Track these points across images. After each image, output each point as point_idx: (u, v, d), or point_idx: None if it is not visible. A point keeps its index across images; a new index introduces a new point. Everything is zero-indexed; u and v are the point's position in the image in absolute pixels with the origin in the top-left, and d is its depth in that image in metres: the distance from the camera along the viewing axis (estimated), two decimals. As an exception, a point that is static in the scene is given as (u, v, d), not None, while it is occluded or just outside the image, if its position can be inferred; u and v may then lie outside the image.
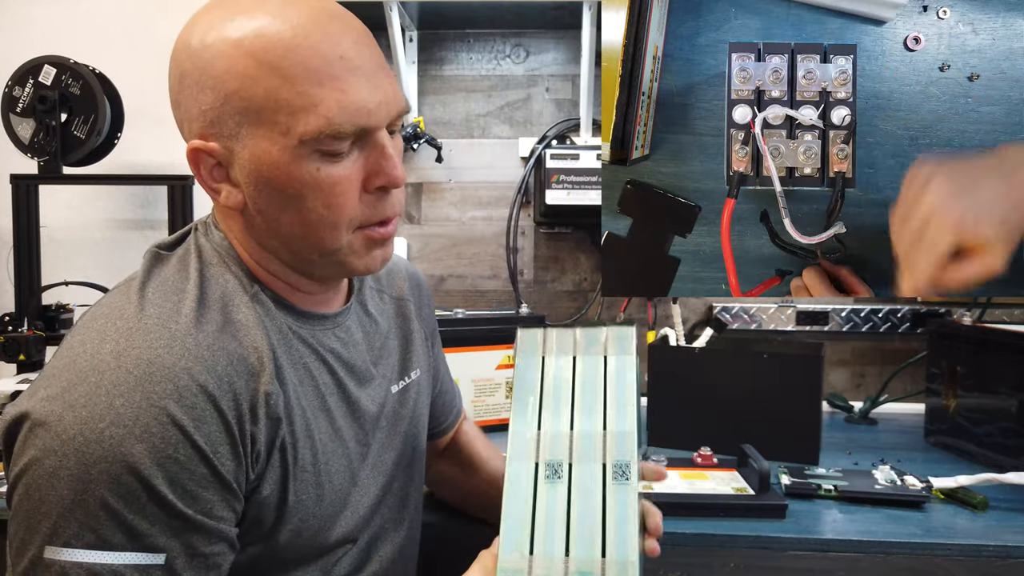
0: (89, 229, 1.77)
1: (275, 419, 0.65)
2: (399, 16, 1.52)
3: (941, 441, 1.37)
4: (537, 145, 1.70)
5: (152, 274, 0.67)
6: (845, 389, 1.71)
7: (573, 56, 1.71)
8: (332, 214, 0.65)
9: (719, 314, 1.69)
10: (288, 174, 0.63)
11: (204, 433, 0.58)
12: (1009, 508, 1.05)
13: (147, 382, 0.57)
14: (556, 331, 0.74)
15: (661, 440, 1.35)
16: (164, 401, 0.57)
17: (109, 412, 0.56)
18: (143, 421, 0.56)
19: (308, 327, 0.72)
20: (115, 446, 0.55)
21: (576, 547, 0.62)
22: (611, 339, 0.73)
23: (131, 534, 0.55)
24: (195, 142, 0.64)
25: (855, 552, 0.96)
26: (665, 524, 0.98)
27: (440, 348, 1.01)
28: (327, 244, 0.67)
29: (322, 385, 0.72)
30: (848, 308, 1.69)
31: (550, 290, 1.75)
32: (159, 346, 0.59)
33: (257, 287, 0.69)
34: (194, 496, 0.58)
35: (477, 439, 1.05)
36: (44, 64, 1.51)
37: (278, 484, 0.66)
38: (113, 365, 0.58)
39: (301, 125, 0.61)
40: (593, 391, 0.71)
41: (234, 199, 0.66)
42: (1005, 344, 1.23)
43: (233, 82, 0.61)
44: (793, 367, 1.27)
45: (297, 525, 0.68)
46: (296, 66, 0.61)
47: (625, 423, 0.68)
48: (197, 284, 0.66)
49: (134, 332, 0.60)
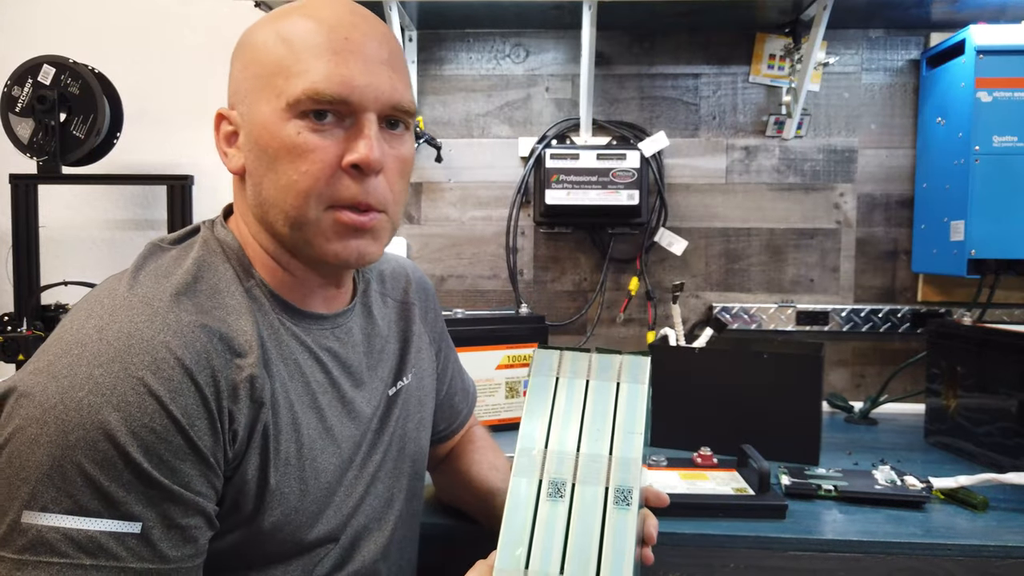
0: (88, 229, 1.76)
1: (258, 402, 0.66)
2: (399, 16, 1.52)
3: (941, 441, 1.37)
4: (537, 145, 1.69)
5: (147, 261, 0.69)
6: (845, 389, 1.71)
7: (573, 56, 1.71)
8: (302, 180, 0.66)
9: (719, 314, 1.69)
10: (272, 134, 0.67)
11: (180, 405, 0.59)
12: (1009, 508, 1.05)
13: (125, 353, 0.59)
14: (572, 354, 0.76)
15: (661, 440, 1.35)
16: (141, 372, 0.58)
17: (88, 381, 0.57)
18: (120, 390, 0.57)
19: (304, 325, 0.74)
20: (93, 413, 0.56)
21: (571, 566, 0.62)
22: (625, 367, 0.75)
23: (107, 501, 0.56)
24: (220, 109, 0.72)
25: (855, 552, 0.96)
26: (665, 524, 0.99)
27: (452, 352, 1.02)
28: (294, 214, 0.68)
29: (314, 383, 0.73)
30: (848, 308, 1.69)
31: (550, 290, 1.74)
32: (140, 321, 0.61)
33: (254, 282, 0.71)
34: (171, 467, 0.59)
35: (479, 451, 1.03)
36: (43, 64, 1.51)
37: (258, 471, 0.67)
38: (95, 338, 0.60)
39: (291, 88, 0.66)
40: (603, 415, 0.71)
41: (236, 162, 0.71)
42: (1005, 344, 1.23)
43: (253, 51, 0.69)
44: (793, 367, 1.27)
45: (279, 518, 0.68)
46: (304, 39, 0.66)
47: (631, 450, 0.68)
48: (191, 270, 0.68)
49: (118, 309, 0.62)
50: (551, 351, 0.75)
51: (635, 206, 1.61)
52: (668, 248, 1.69)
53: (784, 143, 1.70)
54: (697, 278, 1.72)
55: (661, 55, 1.71)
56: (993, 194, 1.42)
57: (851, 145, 1.69)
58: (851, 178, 1.69)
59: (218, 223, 0.75)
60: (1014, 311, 1.65)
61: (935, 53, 1.59)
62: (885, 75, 1.68)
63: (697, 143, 1.71)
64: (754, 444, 1.13)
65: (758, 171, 1.71)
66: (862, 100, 1.68)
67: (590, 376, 0.74)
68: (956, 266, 1.46)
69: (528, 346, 1.47)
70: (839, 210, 1.70)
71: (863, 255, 1.70)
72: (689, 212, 1.72)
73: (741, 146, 1.71)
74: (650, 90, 1.71)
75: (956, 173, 1.47)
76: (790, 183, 1.70)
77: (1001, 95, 1.42)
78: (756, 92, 1.70)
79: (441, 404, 0.99)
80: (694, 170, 1.71)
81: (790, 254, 1.71)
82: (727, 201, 1.71)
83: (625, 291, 1.72)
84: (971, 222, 1.43)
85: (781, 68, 1.67)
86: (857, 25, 1.66)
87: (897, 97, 1.68)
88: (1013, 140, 1.42)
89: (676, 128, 1.71)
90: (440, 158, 1.68)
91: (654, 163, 1.68)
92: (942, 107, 1.55)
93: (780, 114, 1.68)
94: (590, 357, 0.75)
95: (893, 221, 1.69)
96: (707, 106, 1.71)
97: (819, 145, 1.70)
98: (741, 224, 1.71)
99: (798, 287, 1.71)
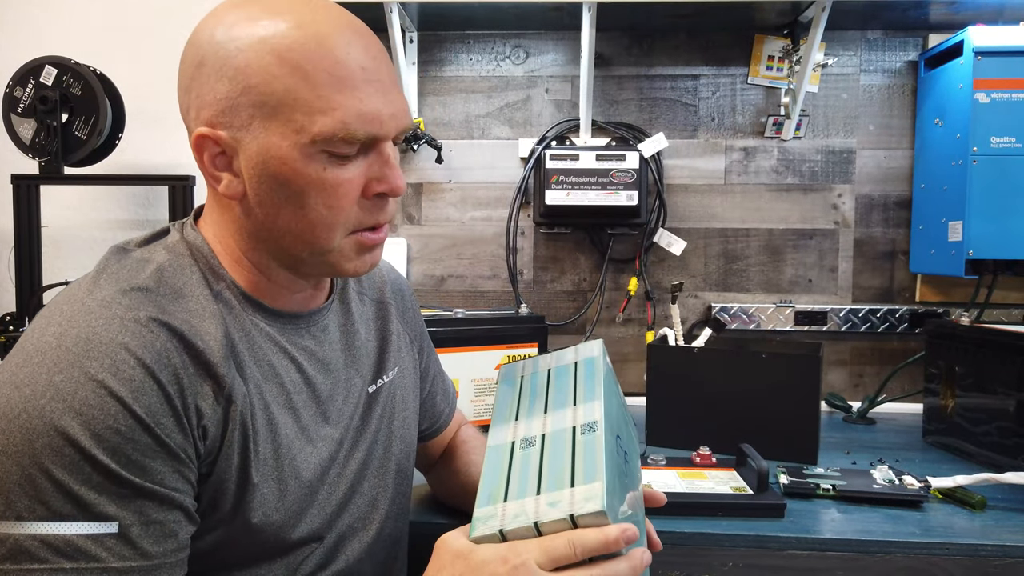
0: (90, 229, 1.77)
1: (227, 399, 0.66)
2: (399, 17, 1.52)
3: (939, 441, 1.37)
4: (537, 146, 1.70)
5: (109, 264, 0.69)
6: (843, 389, 1.71)
7: (573, 57, 1.71)
8: (331, 215, 0.67)
9: (718, 314, 1.69)
10: (295, 170, 0.65)
11: (144, 404, 0.59)
12: (1007, 508, 1.06)
13: (84, 357, 0.59)
14: (532, 359, 0.84)
15: (660, 440, 1.35)
16: (101, 375, 0.58)
17: (49, 388, 0.57)
18: (81, 395, 0.57)
19: (279, 325, 0.73)
20: (55, 419, 0.57)
21: (546, 484, 0.63)
22: (581, 350, 0.82)
23: (79, 504, 0.57)
24: (202, 129, 0.66)
25: (853, 551, 0.97)
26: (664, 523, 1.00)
27: (432, 352, 1.02)
28: (321, 244, 0.68)
29: (288, 383, 0.73)
30: (846, 308, 1.69)
31: (549, 290, 1.75)
32: (98, 324, 0.61)
33: (224, 284, 0.70)
34: (141, 466, 0.59)
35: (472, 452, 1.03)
36: (45, 64, 1.52)
37: (239, 470, 0.67)
38: (54, 344, 0.60)
39: (317, 125, 0.63)
40: (564, 386, 0.76)
41: (234, 188, 0.68)
42: (1003, 344, 1.24)
43: (254, 76, 0.63)
44: (791, 367, 1.27)
45: (260, 518, 0.68)
46: (319, 71, 0.63)
47: (592, 395, 0.72)
48: (153, 274, 0.67)
49: (76, 313, 0.62)
50: (514, 363, 0.84)
51: (634, 207, 1.61)
52: (667, 248, 1.70)
53: (783, 144, 1.70)
54: (696, 278, 1.73)
55: (660, 56, 1.71)
56: (991, 195, 1.43)
57: (849, 146, 1.70)
58: (849, 179, 1.70)
59: (188, 225, 0.74)
60: (1012, 311, 1.66)
61: (933, 54, 1.59)
62: (883, 76, 1.68)
63: (696, 144, 1.72)
64: (753, 443, 1.13)
65: (757, 172, 1.71)
66: (860, 101, 1.69)
67: (551, 365, 0.81)
68: (954, 266, 1.47)
69: (528, 346, 1.47)
70: (837, 211, 1.71)
71: (861, 255, 1.71)
72: (688, 213, 1.72)
73: (740, 147, 1.71)
74: (649, 91, 1.72)
75: (954, 174, 1.48)
76: (788, 184, 1.71)
77: (999, 96, 1.42)
78: (755, 93, 1.71)
79: (423, 404, 0.99)
80: (693, 171, 1.72)
81: (789, 254, 1.72)
82: (726, 202, 1.72)
83: (624, 291, 1.72)
84: (969, 223, 1.44)
85: (780, 69, 1.68)
86: (855, 26, 1.67)
87: (895, 98, 1.68)
88: (1011, 141, 1.42)
89: (675, 129, 1.72)
90: (440, 159, 1.69)
91: (653, 164, 1.68)
92: (940, 108, 1.55)
93: (779, 115, 1.68)
94: (548, 355, 0.83)
95: (891, 222, 1.70)
96: (706, 107, 1.71)
97: (817, 146, 1.70)
98: (740, 225, 1.72)
99: (796, 287, 1.72)
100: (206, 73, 0.65)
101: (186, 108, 0.68)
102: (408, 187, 1.75)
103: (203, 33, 0.67)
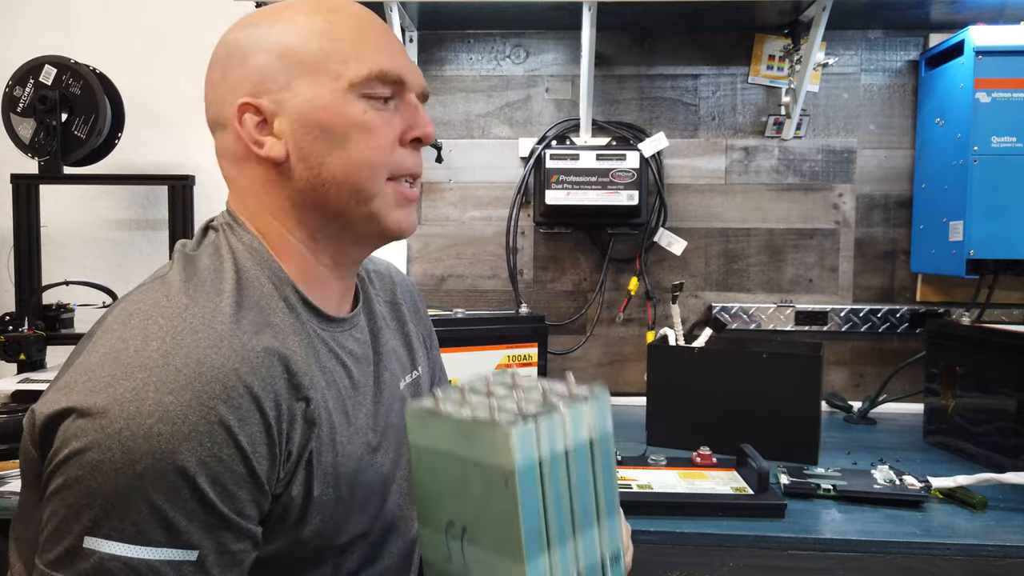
0: (90, 229, 1.77)
1: (310, 422, 0.66)
2: (399, 16, 1.52)
3: (940, 441, 1.37)
4: (537, 145, 1.70)
5: (187, 273, 0.68)
6: (844, 389, 1.71)
7: (573, 57, 1.71)
8: (374, 154, 0.71)
9: (718, 314, 1.69)
10: (339, 114, 0.69)
11: (247, 433, 0.59)
12: (1008, 508, 1.06)
13: (197, 381, 0.58)
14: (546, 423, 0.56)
15: (660, 440, 1.35)
16: (213, 401, 0.58)
17: (158, 409, 0.57)
18: (192, 420, 0.57)
19: (330, 330, 0.74)
20: (163, 443, 0.56)
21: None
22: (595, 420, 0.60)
23: (170, 530, 0.56)
24: (244, 98, 0.70)
25: (854, 551, 0.97)
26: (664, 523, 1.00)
27: (438, 352, 1.03)
28: (366, 187, 0.71)
29: (342, 388, 0.74)
30: (847, 308, 1.69)
31: (550, 290, 1.75)
32: (207, 346, 0.60)
33: (288, 289, 0.71)
34: (231, 495, 0.59)
35: None
36: (45, 64, 1.52)
37: (304, 485, 0.67)
38: (161, 363, 0.58)
39: (352, 71, 0.69)
40: (586, 488, 0.61)
41: (277, 151, 0.70)
42: (1004, 344, 1.23)
43: (290, 39, 0.70)
44: (792, 367, 1.27)
45: (318, 525, 0.69)
46: (347, 28, 0.71)
47: (612, 505, 0.61)
48: (235, 286, 0.67)
49: (180, 331, 0.61)
50: (527, 428, 0.53)
51: (635, 206, 1.61)
52: (667, 248, 1.70)
53: (783, 143, 1.70)
54: (696, 278, 1.73)
55: (661, 56, 1.71)
56: (992, 194, 1.43)
57: (850, 146, 1.69)
58: (850, 178, 1.70)
59: (235, 226, 0.73)
60: (1012, 311, 1.66)
61: (934, 54, 1.59)
62: (884, 76, 1.68)
63: (696, 144, 1.72)
64: (753, 444, 1.13)
65: (757, 171, 1.71)
66: (861, 101, 1.69)
67: (567, 444, 0.57)
68: (955, 266, 1.47)
69: (528, 346, 1.47)
70: (838, 210, 1.70)
71: (862, 255, 1.71)
72: (688, 212, 1.72)
73: (740, 147, 1.71)
74: (650, 91, 1.72)
75: (955, 173, 1.48)
76: (789, 183, 1.71)
77: (1000, 96, 1.42)
78: (755, 93, 1.70)
79: None
80: (693, 170, 1.72)
81: (789, 254, 1.72)
82: (726, 201, 1.72)
83: (625, 291, 1.72)
84: (970, 222, 1.44)
85: (780, 69, 1.68)
86: (856, 26, 1.66)
87: (896, 98, 1.68)
88: (1012, 141, 1.42)
89: (675, 129, 1.71)
90: (440, 158, 1.68)
91: (653, 163, 1.68)
92: (941, 108, 1.55)
93: (779, 115, 1.68)
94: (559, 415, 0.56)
95: (892, 221, 1.70)
96: (706, 107, 1.71)
97: (818, 145, 1.70)
98: (740, 224, 1.72)
99: (797, 287, 1.72)
100: (240, 54, 0.71)
101: (220, 99, 0.72)
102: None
103: (232, 32, 0.73)
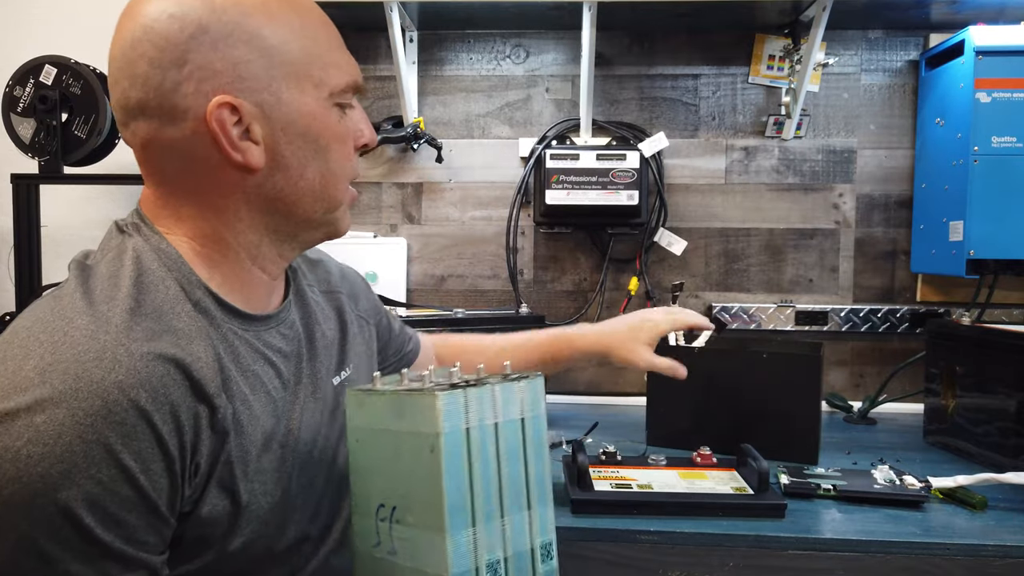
0: (90, 229, 1.77)
1: (221, 432, 0.62)
2: (399, 16, 1.52)
3: (940, 441, 1.37)
4: (537, 145, 1.70)
5: (80, 282, 0.61)
6: (844, 389, 1.71)
7: (573, 56, 1.71)
8: (346, 166, 0.71)
9: (718, 314, 1.69)
10: (323, 123, 0.67)
11: (134, 451, 0.54)
12: (1008, 508, 1.05)
13: (73, 399, 0.53)
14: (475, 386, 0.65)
15: (660, 440, 1.35)
16: (91, 419, 0.53)
17: (27, 430, 0.52)
18: (65, 440, 0.52)
19: (254, 330, 0.70)
20: (31, 467, 0.51)
21: None
22: (525, 395, 0.67)
23: (43, 560, 0.52)
24: (223, 97, 0.62)
25: (854, 552, 0.97)
26: (664, 523, 0.99)
27: (383, 306, 1.04)
28: (337, 197, 0.71)
29: (272, 389, 0.70)
30: (847, 308, 1.69)
31: (550, 290, 1.75)
32: (88, 359, 0.55)
33: (200, 291, 0.65)
34: (116, 520, 0.54)
35: (459, 341, 1.15)
36: (45, 64, 1.51)
37: (226, 498, 0.63)
38: (37, 381, 0.53)
39: (333, 79, 0.67)
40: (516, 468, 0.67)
41: (257, 158, 0.64)
42: (1004, 344, 1.23)
43: (273, 37, 0.64)
44: (792, 367, 1.27)
45: (249, 535, 0.65)
46: (317, 27, 0.68)
47: (544, 495, 0.68)
48: (130, 292, 0.61)
49: (59, 345, 0.55)
50: (454, 394, 0.62)
51: (635, 206, 1.61)
52: (668, 248, 1.70)
53: (783, 143, 1.70)
54: (696, 278, 1.73)
55: (661, 56, 1.71)
56: (992, 195, 1.43)
57: (850, 145, 1.69)
58: (850, 178, 1.70)
59: (143, 227, 0.68)
60: (1013, 311, 1.65)
61: (934, 54, 1.59)
62: (884, 76, 1.68)
63: (696, 143, 1.72)
64: (753, 444, 1.13)
65: (757, 171, 1.71)
66: (861, 101, 1.69)
67: (497, 418, 0.65)
68: (955, 266, 1.46)
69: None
70: (838, 210, 1.70)
71: (862, 255, 1.71)
72: (688, 212, 1.72)
73: (740, 146, 1.71)
74: (650, 91, 1.72)
75: (955, 173, 1.48)
76: (789, 183, 1.71)
77: (1000, 96, 1.42)
78: (755, 93, 1.70)
79: (394, 339, 1.04)
80: (694, 170, 1.72)
81: (789, 254, 1.71)
82: (726, 201, 1.72)
83: (625, 291, 1.72)
84: (970, 222, 1.44)
85: (780, 69, 1.68)
86: (856, 26, 1.66)
87: (896, 98, 1.68)
88: (1012, 141, 1.42)
89: (676, 128, 1.71)
90: (440, 158, 1.68)
91: (654, 163, 1.68)
92: (941, 108, 1.55)
93: (779, 115, 1.68)
94: (489, 388, 0.64)
95: (892, 221, 1.70)
96: (706, 107, 1.71)
97: (818, 145, 1.70)
98: (740, 224, 1.72)
99: (797, 287, 1.72)
100: (209, 40, 0.62)
101: (173, 83, 0.62)
102: (408, 187, 1.75)
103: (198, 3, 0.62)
